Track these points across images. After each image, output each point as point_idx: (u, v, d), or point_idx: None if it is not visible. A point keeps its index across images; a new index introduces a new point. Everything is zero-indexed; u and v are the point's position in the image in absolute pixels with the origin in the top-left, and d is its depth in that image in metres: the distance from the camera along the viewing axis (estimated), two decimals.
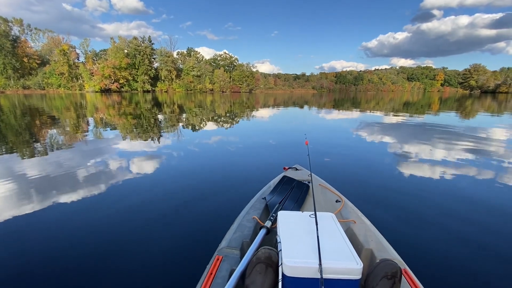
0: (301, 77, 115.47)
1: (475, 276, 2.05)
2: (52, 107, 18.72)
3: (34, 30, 62.57)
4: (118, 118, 12.44)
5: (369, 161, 5.33)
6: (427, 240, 2.48)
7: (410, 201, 3.33)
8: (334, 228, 1.50)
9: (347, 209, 2.10)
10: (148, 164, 4.88)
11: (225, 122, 11.85)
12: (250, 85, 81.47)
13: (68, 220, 2.85)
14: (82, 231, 2.61)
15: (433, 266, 2.12)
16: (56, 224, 2.75)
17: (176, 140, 7.25)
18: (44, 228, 2.68)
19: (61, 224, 2.75)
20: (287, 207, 2.19)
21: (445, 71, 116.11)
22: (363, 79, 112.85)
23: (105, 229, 2.66)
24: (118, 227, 2.72)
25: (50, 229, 2.66)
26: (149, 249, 2.34)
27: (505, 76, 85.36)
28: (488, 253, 2.30)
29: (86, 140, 7.15)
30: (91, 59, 63.11)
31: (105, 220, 2.84)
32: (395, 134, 8.45)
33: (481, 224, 2.77)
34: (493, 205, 3.23)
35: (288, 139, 7.60)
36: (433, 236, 2.55)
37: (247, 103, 26.87)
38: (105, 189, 3.68)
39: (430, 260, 2.19)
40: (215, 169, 4.72)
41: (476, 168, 4.76)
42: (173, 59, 69.67)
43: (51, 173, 4.29)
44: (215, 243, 1.67)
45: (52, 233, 2.58)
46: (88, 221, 2.82)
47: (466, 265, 2.16)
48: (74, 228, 2.67)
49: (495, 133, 8.78)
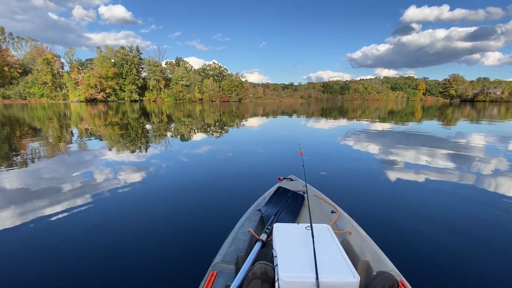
0: (290, 86, 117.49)
1: (471, 287, 2.03)
2: (33, 118, 18.05)
3: (16, 38, 61.04)
4: (104, 128, 12.10)
5: (363, 170, 5.32)
6: (423, 251, 2.45)
7: (406, 211, 3.31)
8: (330, 240, 1.49)
9: (342, 220, 2.07)
10: (136, 176, 4.69)
11: (216, 132, 11.76)
12: (239, 94, 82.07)
13: (42, 239, 2.65)
14: (61, 252, 2.43)
15: (429, 277, 2.09)
16: (33, 241, 2.56)
17: (165, 151, 7.08)
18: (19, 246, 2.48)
19: (37, 244, 2.56)
20: (283, 219, 2.13)
21: (426, 81, 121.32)
22: (349, 89, 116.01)
23: (94, 245, 2.49)
24: (106, 242, 2.55)
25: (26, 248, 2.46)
26: (140, 264, 2.21)
27: (482, 86, 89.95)
28: (484, 265, 2.29)
29: (69, 152, 6.87)
30: (76, 68, 61.93)
31: (93, 235, 2.66)
32: (387, 142, 8.58)
33: (478, 236, 2.77)
34: (491, 218, 3.21)
35: (281, 149, 7.57)
36: (430, 247, 2.52)
37: (237, 112, 26.92)
38: (90, 203, 3.48)
39: (426, 271, 2.16)
40: (208, 180, 4.60)
41: (478, 179, 4.65)
42: (161, 69, 69.40)
43: (30, 186, 4.05)
44: (209, 258, 1.62)
45: (27, 251, 2.39)
46: (72, 238, 2.64)
47: (462, 276, 2.14)
48: (48, 250, 2.49)
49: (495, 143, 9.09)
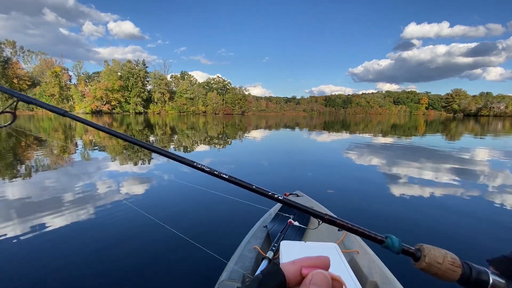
0: (292, 100, 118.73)
1: None
2: (40, 129, 18.27)
3: (26, 52, 63.08)
4: (107, 140, 12.18)
5: (369, 186, 5.21)
6: None
7: (415, 230, 3.23)
8: (338, 260, 1.43)
9: (350, 238, 2.02)
10: (139, 189, 4.66)
11: (220, 144, 11.77)
12: (242, 107, 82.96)
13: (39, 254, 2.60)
14: (62, 265, 2.37)
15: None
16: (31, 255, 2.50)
17: (168, 163, 7.06)
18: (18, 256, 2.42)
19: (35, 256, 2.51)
20: (289, 236, 2.07)
21: (429, 95, 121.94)
22: (352, 103, 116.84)
23: (97, 258, 2.43)
24: (110, 260, 2.49)
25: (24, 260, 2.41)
26: (146, 283, 2.15)
27: (485, 100, 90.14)
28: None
29: (73, 163, 6.89)
30: (84, 81, 63.38)
31: (95, 249, 2.60)
32: (393, 157, 8.50)
33: (491, 256, 2.68)
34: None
35: (286, 163, 7.46)
36: None
37: (240, 125, 27.08)
38: (92, 217, 3.44)
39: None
40: (212, 194, 4.51)
41: (493, 196, 4.57)
42: (166, 82, 70.76)
43: (33, 197, 4.02)
44: (215, 275, 1.58)
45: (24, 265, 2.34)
46: (73, 252, 2.58)
47: None
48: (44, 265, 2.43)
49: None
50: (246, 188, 0.61)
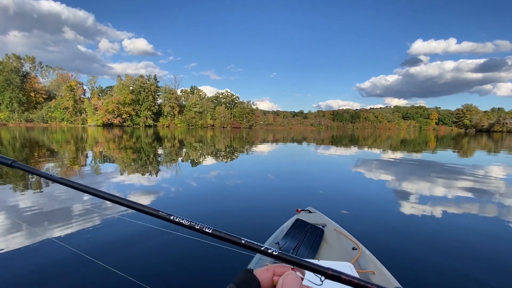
0: (299, 114, 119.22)
1: None
2: (52, 140, 18.73)
3: (45, 67, 66.06)
4: (117, 152, 12.34)
5: (383, 203, 4.95)
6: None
7: (435, 251, 3.00)
8: None
9: (365, 258, 1.92)
10: (145, 202, 4.61)
11: (229, 158, 11.72)
12: (250, 121, 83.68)
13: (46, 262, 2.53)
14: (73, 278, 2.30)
15: None
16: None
17: (176, 177, 7.03)
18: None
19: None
20: (302, 254, 1.97)
21: (438, 110, 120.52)
22: (360, 117, 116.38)
23: (103, 275, 2.35)
24: (120, 266, 2.40)
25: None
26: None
27: (497, 116, 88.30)
28: None
29: (84, 174, 6.94)
30: (97, 95, 65.50)
31: (109, 258, 2.52)
32: (406, 173, 8.20)
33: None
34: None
35: (295, 178, 7.18)
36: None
37: (247, 138, 27.11)
38: (94, 232, 3.38)
39: None
40: (222, 209, 4.42)
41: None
42: (176, 96, 72.42)
43: (43, 207, 4.01)
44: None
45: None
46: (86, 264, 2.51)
47: None
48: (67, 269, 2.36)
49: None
50: (234, 244, 0.52)
